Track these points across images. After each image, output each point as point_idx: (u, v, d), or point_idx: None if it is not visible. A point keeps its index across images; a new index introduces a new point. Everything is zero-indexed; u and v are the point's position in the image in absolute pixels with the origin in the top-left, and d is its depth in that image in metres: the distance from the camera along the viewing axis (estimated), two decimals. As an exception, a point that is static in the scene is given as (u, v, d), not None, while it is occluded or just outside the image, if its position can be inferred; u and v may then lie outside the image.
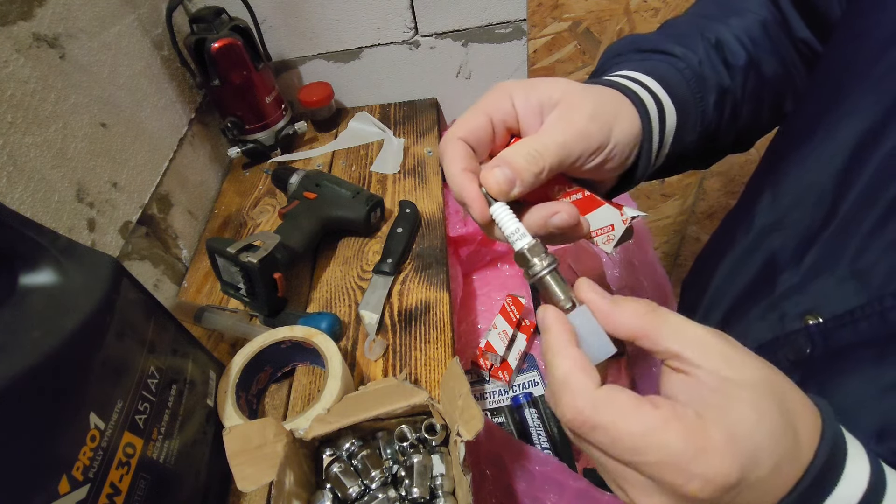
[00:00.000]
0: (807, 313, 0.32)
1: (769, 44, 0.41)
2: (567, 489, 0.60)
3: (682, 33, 0.41)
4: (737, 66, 0.40)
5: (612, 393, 0.23)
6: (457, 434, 0.41)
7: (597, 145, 0.30)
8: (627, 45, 0.42)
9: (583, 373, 0.24)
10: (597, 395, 0.23)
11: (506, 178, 0.28)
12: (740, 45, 0.40)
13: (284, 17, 0.87)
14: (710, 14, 0.43)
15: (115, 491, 0.35)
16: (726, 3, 0.43)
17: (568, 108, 0.30)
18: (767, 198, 0.39)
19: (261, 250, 0.57)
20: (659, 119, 0.34)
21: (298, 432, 0.45)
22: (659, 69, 0.37)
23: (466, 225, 0.84)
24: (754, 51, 0.40)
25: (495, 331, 0.77)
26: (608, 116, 0.30)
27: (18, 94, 0.51)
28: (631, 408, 0.22)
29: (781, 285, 0.35)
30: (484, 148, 0.31)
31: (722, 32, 0.41)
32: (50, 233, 0.36)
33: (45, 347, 0.31)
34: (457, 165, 0.29)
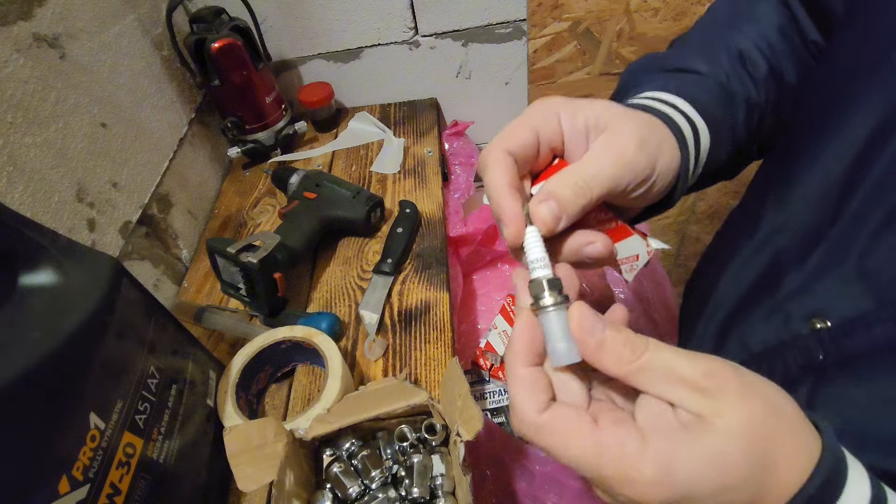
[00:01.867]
0: (813, 315, 0.32)
1: (788, 49, 0.40)
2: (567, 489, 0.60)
3: (703, 47, 0.40)
4: (759, 78, 0.39)
5: (554, 418, 0.24)
6: (456, 434, 0.41)
7: (643, 177, 0.29)
8: (651, 62, 0.41)
9: (528, 394, 0.25)
10: (538, 421, 0.24)
11: (552, 215, 0.27)
12: (760, 55, 0.40)
13: (284, 17, 0.87)
14: (725, 21, 0.42)
15: (115, 491, 0.35)
16: (740, 10, 0.43)
17: (616, 135, 0.28)
18: (773, 198, 0.38)
19: (261, 250, 0.57)
20: (694, 142, 0.33)
21: (298, 432, 0.45)
22: (688, 88, 0.36)
23: (466, 225, 0.84)
24: (774, 59, 0.40)
25: (495, 331, 0.76)
26: (653, 147, 0.29)
27: (18, 94, 0.51)
28: (570, 434, 0.23)
29: (786, 286, 0.35)
30: (527, 164, 0.30)
31: (741, 42, 0.40)
32: (50, 233, 0.36)
33: (45, 347, 0.31)
34: (502, 179, 0.28)
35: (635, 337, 0.24)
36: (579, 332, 0.24)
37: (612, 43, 0.89)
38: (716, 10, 0.44)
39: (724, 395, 0.22)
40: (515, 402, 0.25)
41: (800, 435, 0.22)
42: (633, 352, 0.23)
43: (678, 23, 0.86)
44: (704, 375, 0.22)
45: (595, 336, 0.24)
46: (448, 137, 0.96)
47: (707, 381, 0.22)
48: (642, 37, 0.88)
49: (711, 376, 0.22)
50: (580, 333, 0.24)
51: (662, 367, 0.23)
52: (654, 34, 0.88)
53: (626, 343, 0.23)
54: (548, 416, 0.24)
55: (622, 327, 0.24)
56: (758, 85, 0.39)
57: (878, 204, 0.29)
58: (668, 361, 0.23)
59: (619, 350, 0.23)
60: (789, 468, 0.21)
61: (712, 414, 0.21)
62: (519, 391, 0.25)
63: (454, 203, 0.87)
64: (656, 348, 0.23)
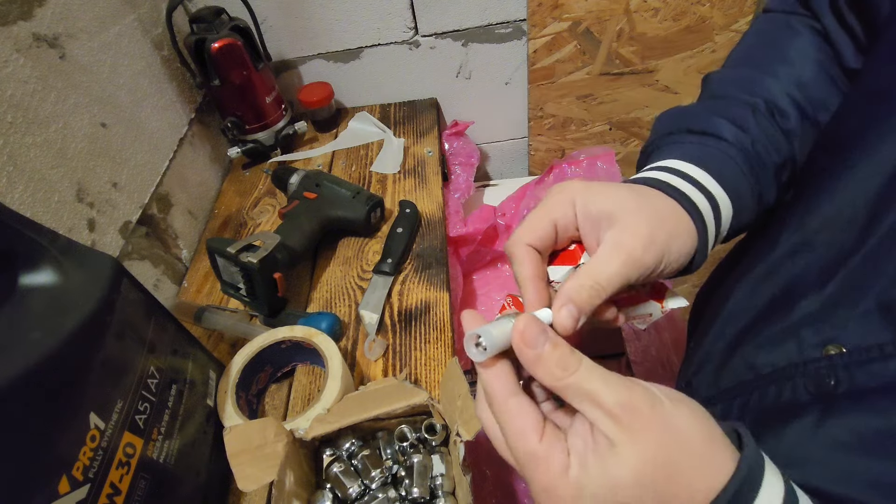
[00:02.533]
0: (828, 343, 0.31)
1: (826, 86, 0.40)
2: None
3: (728, 104, 0.40)
4: (790, 129, 0.39)
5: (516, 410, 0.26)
6: (456, 434, 0.41)
7: (651, 270, 0.31)
8: (678, 120, 0.41)
9: (501, 377, 0.27)
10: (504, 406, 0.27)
11: (572, 317, 0.30)
12: (791, 104, 0.40)
13: (284, 17, 0.87)
14: (757, 64, 0.42)
15: (115, 491, 0.35)
16: (774, 48, 0.42)
17: (625, 234, 0.30)
18: (794, 219, 0.37)
19: (261, 250, 0.57)
20: (714, 217, 0.35)
21: (298, 432, 0.45)
22: (709, 157, 0.37)
23: (466, 225, 0.84)
24: (807, 104, 0.40)
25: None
26: (662, 242, 0.31)
27: (18, 94, 0.51)
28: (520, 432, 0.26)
29: (800, 311, 0.34)
30: (548, 250, 0.33)
31: (771, 90, 0.40)
32: (50, 233, 0.36)
33: (45, 347, 0.31)
34: (528, 272, 0.31)
35: (569, 355, 0.25)
36: (521, 344, 0.26)
37: (612, 43, 0.89)
38: (749, 46, 0.44)
39: (632, 425, 0.23)
40: (490, 382, 0.27)
41: (704, 459, 0.24)
42: (565, 369, 0.25)
43: (678, 23, 0.86)
44: (619, 405, 0.24)
45: (533, 350, 0.25)
46: (448, 137, 0.96)
47: (620, 410, 0.23)
48: (642, 37, 0.88)
49: (626, 408, 0.24)
50: (521, 345, 0.26)
51: (586, 389, 0.24)
52: (654, 34, 0.88)
53: (559, 361, 0.25)
54: (513, 403, 0.26)
55: (560, 342, 0.26)
56: (789, 137, 0.39)
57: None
58: (592, 385, 0.24)
59: (551, 366, 0.25)
60: (692, 492, 0.23)
61: (619, 441, 0.23)
62: (495, 374, 0.27)
63: (454, 203, 0.87)
64: (586, 370, 0.25)
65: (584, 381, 0.24)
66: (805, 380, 0.32)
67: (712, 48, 0.90)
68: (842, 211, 0.32)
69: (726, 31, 0.88)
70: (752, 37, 0.45)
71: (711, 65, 0.93)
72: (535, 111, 1.00)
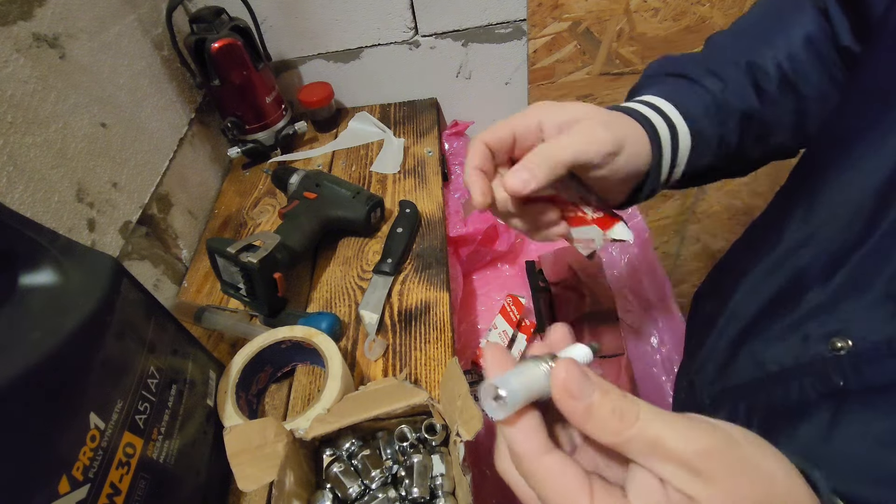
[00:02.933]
0: (833, 335, 0.30)
1: (814, 61, 0.41)
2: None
3: (716, 54, 0.43)
4: (768, 91, 0.41)
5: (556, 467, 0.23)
6: (456, 434, 0.41)
7: (608, 151, 0.33)
8: (662, 66, 0.45)
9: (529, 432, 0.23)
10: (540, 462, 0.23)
11: (521, 179, 0.31)
12: (776, 68, 0.41)
13: (284, 17, 0.87)
14: (754, 33, 0.44)
15: (115, 491, 0.35)
16: (775, 20, 0.43)
17: (584, 121, 0.34)
18: (799, 212, 0.37)
19: (261, 250, 0.57)
20: (672, 141, 0.37)
21: (298, 432, 0.45)
22: (679, 95, 0.39)
23: (466, 225, 0.84)
24: (792, 72, 0.41)
25: (495, 331, 0.76)
26: (618, 130, 0.34)
27: (18, 94, 0.51)
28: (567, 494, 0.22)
29: (806, 304, 0.33)
30: (503, 155, 0.36)
31: (761, 55, 0.41)
32: (50, 233, 0.36)
33: (45, 347, 0.31)
34: (476, 162, 0.35)
35: (624, 402, 0.22)
36: (566, 397, 0.22)
37: (612, 43, 0.89)
38: (754, 15, 0.46)
39: (715, 475, 0.20)
40: (516, 441, 0.23)
41: (791, 497, 0.21)
42: (622, 420, 0.21)
43: (678, 23, 0.86)
44: (698, 455, 0.20)
45: (580, 401, 0.22)
46: (448, 137, 0.96)
47: (700, 461, 0.20)
48: (642, 37, 0.88)
49: (706, 457, 0.21)
50: (566, 398, 0.22)
51: (652, 441, 0.21)
52: (654, 34, 0.88)
53: (615, 411, 0.22)
54: (549, 462, 0.22)
55: (611, 388, 0.22)
56: (764, 97, 0.41)
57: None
58: (659, 435, 0.21)
59: (606, 419, 0.22)
60: None
61: (703, 497, 0.20)
62: (520, 430, 0.23)
63: (454, 203, 0.87)
64: (647, 417, 0.21)
65: (649, 431, 0.21)
66: (812, 379, 0.31)
67: (712, 48, 0.90)
68: (847, 204, 0.32)
69: (726, 31, 0.88)
70: (759, 6, 0.46)
71: (711, 65, 0.93)
72: (535, 111, 1.00)
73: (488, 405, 0.23)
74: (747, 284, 0.41)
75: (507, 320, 0.77)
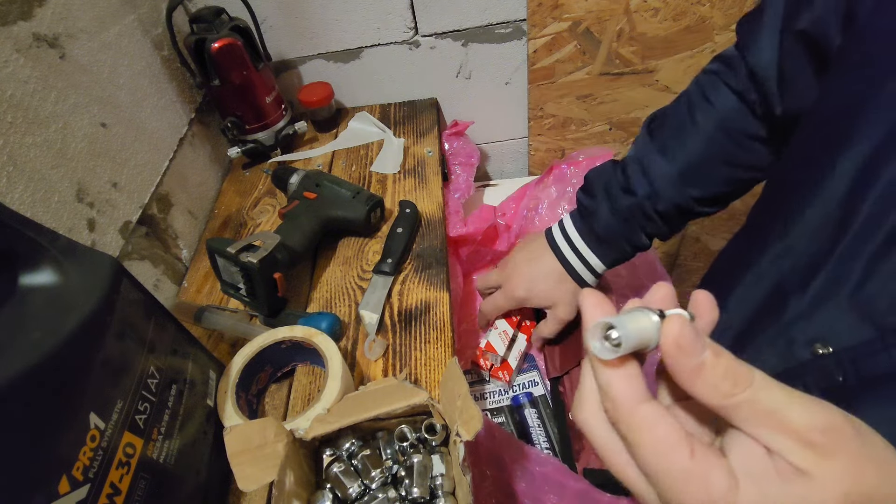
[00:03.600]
0: (814, 341, 0.32)
1: (736, 135, 0.52)
2: (567, 490, 0.59)
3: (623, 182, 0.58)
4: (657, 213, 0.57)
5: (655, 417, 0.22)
6: (456, 434, 0.41)
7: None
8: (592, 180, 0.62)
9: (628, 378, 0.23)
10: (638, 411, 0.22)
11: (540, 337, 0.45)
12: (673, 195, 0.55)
13: (284, 17, 0.87)
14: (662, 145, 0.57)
15: (115, 491, 0.35)
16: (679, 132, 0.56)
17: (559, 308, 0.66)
18: (779, 224, 0.39)
19: (261, 250, 0.57)
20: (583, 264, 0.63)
21: (298, 432, 0.45)
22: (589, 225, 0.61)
23: (466, 225, 0.84)
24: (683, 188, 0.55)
25: (495, 331, 0.76)
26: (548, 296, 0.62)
27: (18, 94, 0.51)
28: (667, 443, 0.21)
29: (789, 312, 0.35)
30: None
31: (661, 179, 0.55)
32: (50, 233, 0.36)
33: (45, 347, 0.31)
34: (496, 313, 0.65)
35: (739, 365, 0.21)
36: (676, 351, 0.21)
37: (612, 43, 0.89)
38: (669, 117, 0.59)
39: (839, 455, 0.19)
40: (615, 384, 0.22)
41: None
42: (735, 384, 0.20)
43: (678, 23, 0.86)
44: (817, 429, 0.19)
45: (693, 358, 0.21)
46: (448, 137, 0.96)
47: (824, 437, 0.19)
48: (642, 37, 0.88)
49: (830, 432, 0.19)
50: (677, 352, 0.21)
51: (768, 409, 0.20)
52: (654, 34, 0.88)
53: (728, 372, 0.20)
54: (648, 411, 0.22)
55: (724, 351, 0.21)
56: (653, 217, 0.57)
57: (874, 232, 0.29)
58: (777, 403, 0.20)
59: (717, 380, 0.20)
60: None
61: (819, 473, 0.19)
62: (621, 375, 0.22)
63: (454, 203, 0.87)
64: (762, 384, 0.20)
65: (765, 398, 0.20)
66: (815, 376, 0.32)
67: (712, 48, 0.90)
68: (817, 216, 0.35)
69: (726, 31, 0.88)
70: (674, 109, 0.58)
71: (711, 65, 0.93)
72: (535, 111, 1.00)
73: (596, 345, 0.22)
74: (736, 295, 0.43)
75: (508, 321, 0.77)
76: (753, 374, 0.21)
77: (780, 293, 0.37)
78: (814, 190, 0.35)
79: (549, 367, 0.75)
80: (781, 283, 0.37)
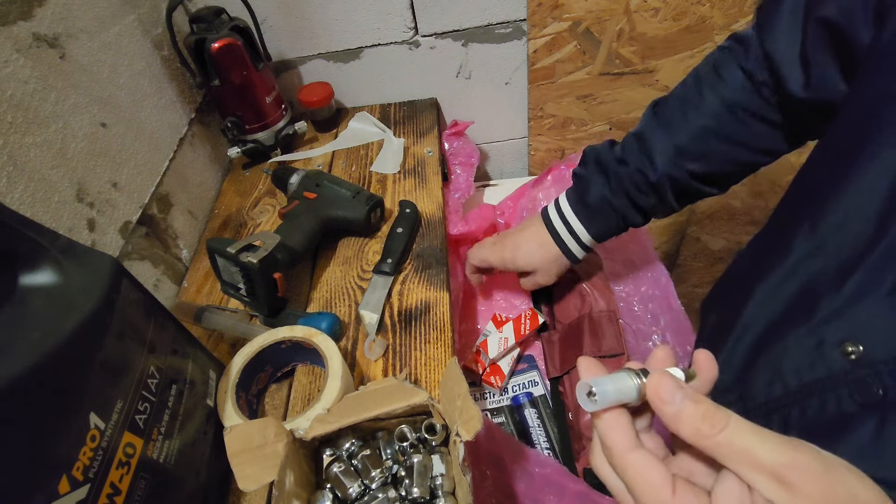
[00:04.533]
0: (845, 340, 0.32)
1: (742, 116, 0.51)
2: (567, 491, 0.60)
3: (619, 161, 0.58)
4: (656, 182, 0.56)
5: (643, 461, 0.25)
6: (456, 434, 0.41)
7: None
8: (587, 157, 0.62)
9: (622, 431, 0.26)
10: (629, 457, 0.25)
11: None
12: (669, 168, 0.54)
13: (284, 17, 0.87)
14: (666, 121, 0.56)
15: (115, 491, 0.35)
16: (684, 110, 0.54)
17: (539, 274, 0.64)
18: (805, 225, 0.39)
19: (261, 250, 0.57)
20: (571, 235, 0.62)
21: (298, 432, 0.45)
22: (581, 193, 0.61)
23: (467, 224, 0.84)
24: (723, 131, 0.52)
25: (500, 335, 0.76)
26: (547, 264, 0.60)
27: (18, 94, 0.51)
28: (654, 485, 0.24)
29: (821, 311, 0.35)
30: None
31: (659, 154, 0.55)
32: (50, 233, 0.36)
33: (45, 347, 0.31)
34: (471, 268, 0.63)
35: (715, 411, 0.23)
36: (657, 401, 0.25)
37: (612, 43, 0.89)
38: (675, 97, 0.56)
39: (807, 491, 0.21)
40: (609, 435, 0.26)
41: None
42: (713, 426, 0.23)
43: (678, 23, 0.86)
44: (787, 467, 0.21)
45: (672, 406, 0.24)
46: (448, 137, 0.96)
47: (790, 473, 0.21)
48: (642, 37, 0.88)
49: (796, 470, 0.21)
50: (657, 401, 0.25)
51: (742, 448, 0.22)
52: (654, 34, 0.88)
53: (706, 416, 0.23)
54: (638, 457, 0.25)
55: (702, 397, 0.24)
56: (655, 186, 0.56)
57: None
58: (749, 443, 0.22)
59: (696, 423, 0.23)
60: None
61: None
62: (612, 426, 0.26)
63: (454, 203, 0.87)
64: (737, 426, 0.23)
65: (736, 438, 0.22)
66: (849, 389, 0.32)
67: (712, 48, 0.90)
68: (853, 213, 0.34)
69: (726, 31, 0.88)
70: (681, 86, 0.56)
71: (711, 65, 0.93)
72: (535, 111, 1.00)
73: (582, 399, 0.26)
74: (760, 294, 0.42)
75: (515, 331, 0.77)
76: (730, 417, 0.23)
77: (810, 293, 0.37)
78: (849, 187, 0.35)
79: (549, 367, 0.75)
80: (812, 282, 0.37)
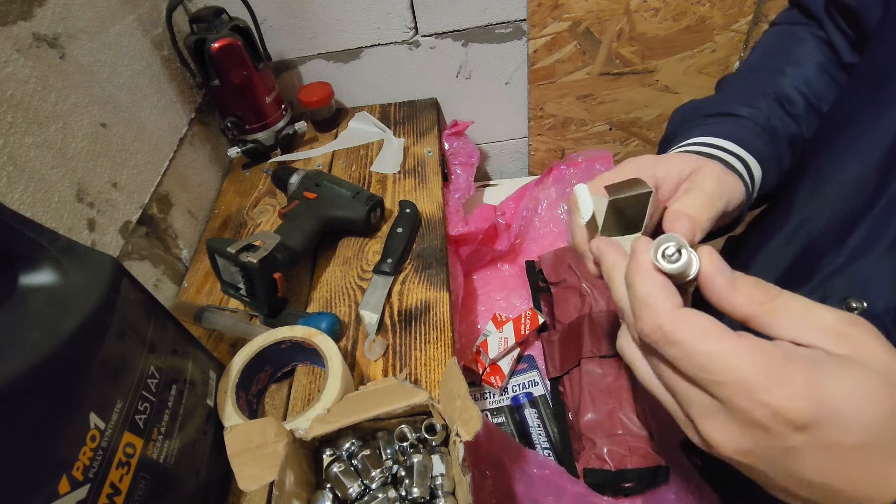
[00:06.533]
0: (849, 297, 0.32)
1: (828, 81, 0.45)
2: (566, 493, 0.60)
3: (743, 92, 0.45)
4: (798, 115, 0.44)
5: (692, 315, 0.23)
6: (456, 434, 0.41)
7: (719, 214, 0.33)
8: (693, 111, 0.46)
9: (664, 293, 0.25)
10: (677, 314, 0.24)
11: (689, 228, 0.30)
12: (798, 94, 0.44)
13: (284, 17, 0.87)
14: (767, 67, 0.47)
15: (115, 491, 0.35)
16: (783, 55, 0.47)
17: (701, 173, 0.34)
18: (806, 188, 0.40)
19: (261, 250, 0.57)
20: (749, 177, 0.39)
21: (298, 432, 0.45)
22: (733, 131, 0.40)
23: (467, 224, 0.84)
24: (812, 95, 0.45)
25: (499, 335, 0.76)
26: (726, 192, 0.34)
27: (18, 94, 0.51)
28: (709, 330, 0.23)
29: (822, 270, 0.35)
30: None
31: (780, 85, 0.45)
32: (50, 233, 0.36)
33: (45, 347, 0.31)
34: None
35: (763, 281, 0.23)
36: (711, 269, 0.24)
37: (612, 43, 0.89)
38: (759, 55, 0.49)
39: (868, 342, 0.21)
40: (651, 299, 0.25)
41: None
42: (767, 293, 0.23)
43: (678, 23, 0.86)
44: (847, 323, 0.22)
45: (726, 275, 0.24)
46: (448, 137, 0.96)
47: (850, 328, 0.21)
48: (642, 37, 0.88)
49: (854, 324, 0.22)
50: (711, 270, 0.24)
51: (798, 312, 0.22)
52: (654, 34, 0.88)
53: (758, 284, 0.23)
54: (687, 311, 0.24)
55: (744, 274, 0.24)
56: (798, 120, 0.44)
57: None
58: (806, 306, 0.22)
59: (750, 290, 0.23)
60: None
61: (857, 355, 0.21)
62: (654, 288, 0.25)
63: (454, 203, 0.87)
64: (789, 293, 0.23)
65: (794, 303, 0.22)
66: None
67: (712, 48, 0.90)
68: (854, 175, 0.35)
69: (726, 31, 0.88)
70: (762, 47, 0.50)
71: (711, 65, 0.93)
72: (535, 111, 1.00)
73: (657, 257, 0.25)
74: (762, 258, 0.43)
75: (516, 331, 0.77)
76: (779, 288, 0.23)
77: (809, 255, 0.37)
78: (849, 150, 0.35)
79: (549, 367, 0.75)
80: (811, 244, 0.38)
